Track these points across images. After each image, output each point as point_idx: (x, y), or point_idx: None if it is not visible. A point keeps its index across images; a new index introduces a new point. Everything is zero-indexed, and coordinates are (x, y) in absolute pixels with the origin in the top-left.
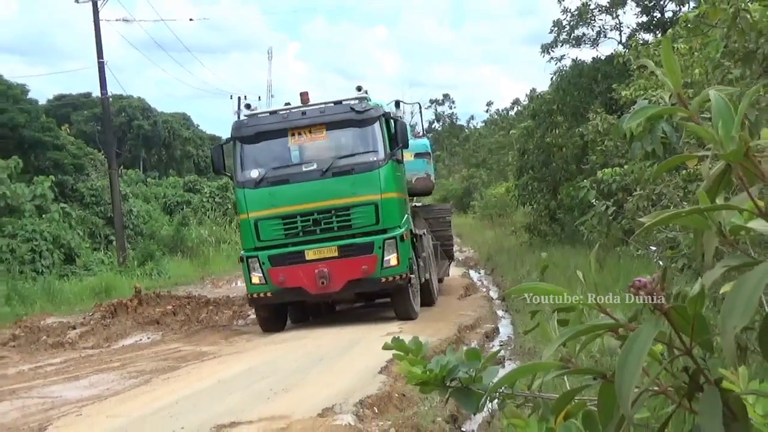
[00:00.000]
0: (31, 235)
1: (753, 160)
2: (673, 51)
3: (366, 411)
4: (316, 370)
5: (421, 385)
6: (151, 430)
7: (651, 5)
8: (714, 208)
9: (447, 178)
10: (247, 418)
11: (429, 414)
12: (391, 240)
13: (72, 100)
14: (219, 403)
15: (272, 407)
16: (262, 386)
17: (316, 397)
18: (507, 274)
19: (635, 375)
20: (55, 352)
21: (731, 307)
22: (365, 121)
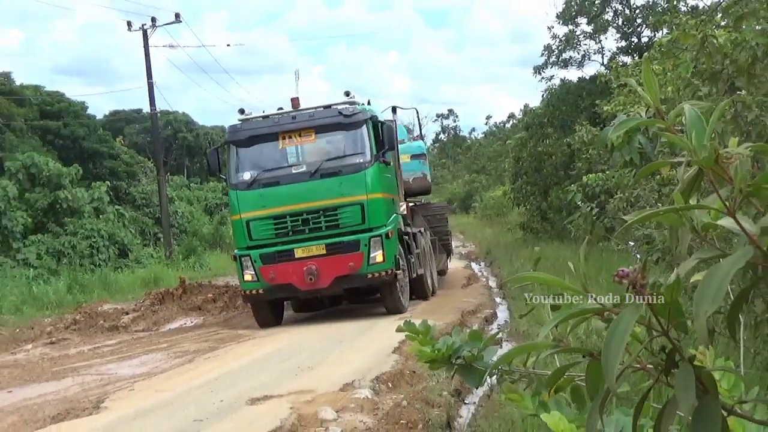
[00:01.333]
0: (90, 233)
1: (722, 166)
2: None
3: (381, 386)
4: (337, 350)
5: (430, 363)
6: (194, 403)
7: (629, 31)
8: (688, 208)
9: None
10: (277, 393)
11: (436, 388)
12: (377, 238)
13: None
14: (253, 379)
15: (299, 383)
16: (290, 364)
17: (337, 373)
18: (504, 266)
19: (619, 353)
20: (111, 334)
21: (702, 294)
22: (352, 124)
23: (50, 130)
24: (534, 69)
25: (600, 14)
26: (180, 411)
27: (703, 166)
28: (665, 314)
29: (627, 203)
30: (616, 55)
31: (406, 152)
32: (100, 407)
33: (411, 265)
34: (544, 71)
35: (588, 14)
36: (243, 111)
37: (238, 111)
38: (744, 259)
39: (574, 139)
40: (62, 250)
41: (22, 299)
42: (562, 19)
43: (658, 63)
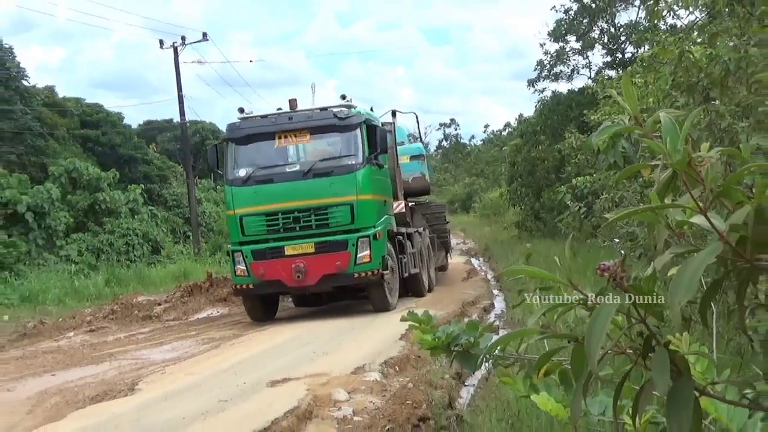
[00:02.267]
0: (126, 231)
1: (695, 169)
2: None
3: (389, 369)
4: (349, 337)
5: (431, 350)
6: (219, 385)
7: (614, 48)
8: (664, 207)
9: (453, 185)
10: (295, 375)
11: (439, 372)
12: (365, 238)
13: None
14: (273, 363)
15: (315, 366)
16: (306, 350)
17: (349, 358)
18: (500, 261)
19: (601, 339)
20: (145, 323)
21: (677, 285)
22: (347, 127)
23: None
24: (528, 82)
25: (587, 32)
26: (207, 392)
27: (677, 169)
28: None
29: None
30: (602, 70)
31: (406, 153)
32: (135, 389)
33: (404, 264)
34: (537, 84)
35: (576, 32)
36: (242, 110)
37: (238, 110)
38: (715, 253)
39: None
40: (101, 247)
41: (64, 292)
42: (553, 36)
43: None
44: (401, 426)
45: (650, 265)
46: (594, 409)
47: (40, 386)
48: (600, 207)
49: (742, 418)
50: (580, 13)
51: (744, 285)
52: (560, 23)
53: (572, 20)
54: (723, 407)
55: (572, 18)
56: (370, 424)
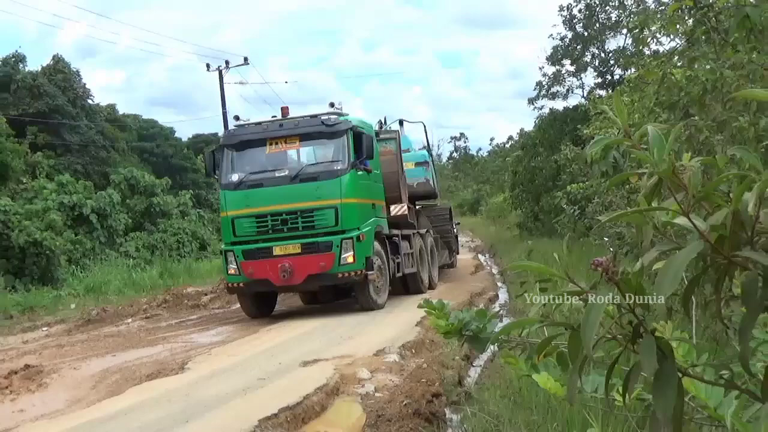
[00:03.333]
0: (177, 231)
1: (678, 176)
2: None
3: (406, 352)
4: (371, 324)
5: (445, 334)
6: (258, 365)
7: (604, 70)
8: (650, 209)
9: (462, 190)
10: (324, 357)
11: (450, 354)
12: (348, 240)
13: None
14: (304, 346)
15: (341, 349)
16: (333, 335)
17: (371, 342)
18: (504, 257)
19: (594, 326)
20: (193, 311)
21: (662, 279)
22: (333, 133)
23: (146, 150)
24: (528, 100)
25: (580, 57)
26: (247, 371)
27: (662, 176)
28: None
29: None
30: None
31: (411, 160)
32: (185, 368)
33: (397, 264)
34: (536, 102)
35: (571, 57)
36: (238, 117)
37: (234, 117)
38: (696, 251)
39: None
40: (155, 245)
41: (123, 283)
42: (550, 60)
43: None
44: (417, 401)
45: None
46: (588, 387)
47: (102, 365)
48: (592, 210)
49: (719, 397)
50: (574, 40)
51: (721, 279)
52: (557, 49)
53: (567, 46)
54: (702, 387)
55: (567, 44)
56: (389, 399)
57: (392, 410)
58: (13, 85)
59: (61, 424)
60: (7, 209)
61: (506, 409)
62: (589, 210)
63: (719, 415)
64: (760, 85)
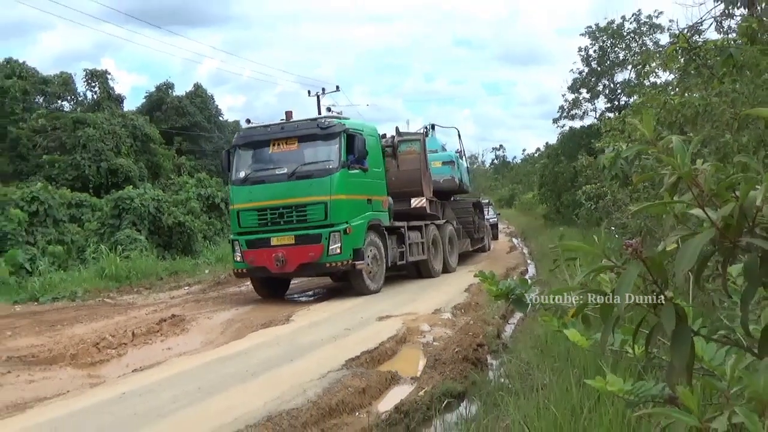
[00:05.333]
0: None
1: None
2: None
3: (457, 311)
4: (429, 290)
5: (495, 297)
6: (344, 318)
7: (613, 98)
8: (673, 203)
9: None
10: (394, 314)
11: (491, 313)
12: (336, 233)
13: None
14: (379, 306)
15: (407, 308)
16: (401, 298)
17: (430, 304)
18: (532, 240)
19: (626, 293)
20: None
21: (681, 258)
22: (327, 135)
23: None
24: (552, 120)
25: (594, 87)
26: (336, 323)
27: (683, 176)
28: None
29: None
30: (604, 113)
31: (438, 159)
32: (290, 320)
33: (401, 253)
34: (559, 122)
35: (587, 87)
36: (249, 120)
37: (245, 120)
38: (709, 237)
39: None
40: None
41: None
42: (570, 90)
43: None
44: (465, 349)
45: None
46: (616, 342)
47: (228, 316)
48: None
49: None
50: (590, 74)
51: (727, 259)
52: (576, 80)
53: (584, 78)
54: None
55: (584, 77)
56: (444, 347)
57: (446, 355)
58: (164, 106)
59: (198, 359)
60: (160, 198)
61: (535, 356)
62: (601, 206)
63: (712, 365)
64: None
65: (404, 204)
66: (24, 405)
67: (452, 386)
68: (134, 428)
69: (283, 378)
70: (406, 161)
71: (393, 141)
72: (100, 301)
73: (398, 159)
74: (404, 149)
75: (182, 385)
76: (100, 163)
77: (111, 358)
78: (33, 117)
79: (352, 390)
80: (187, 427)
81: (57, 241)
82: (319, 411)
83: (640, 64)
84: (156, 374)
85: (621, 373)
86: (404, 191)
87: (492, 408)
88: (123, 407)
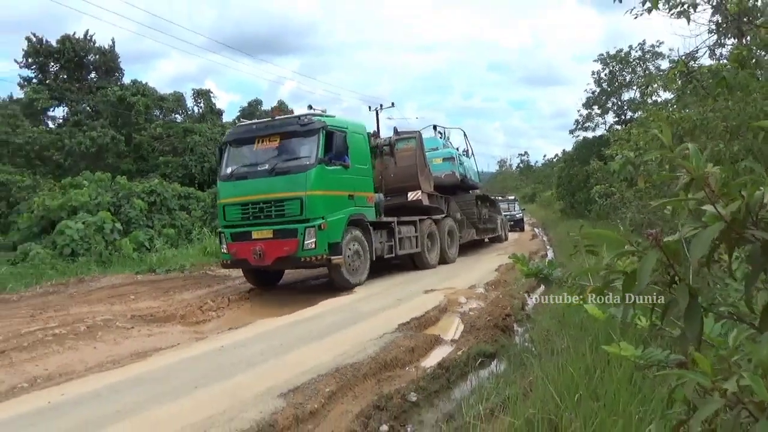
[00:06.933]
0: None
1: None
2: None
3: (489, 287)
4: (464, 270)
5: (526, 275)
6: (396, 291)
7: (620, 113)
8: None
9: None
10: (437, 288)
11: (517, 289)
12: (311, 228)
13: None
14: (423, 281)
15: (447, 284)
16: (441, 275)
17: (466, 280)
18: (551, 230)
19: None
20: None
21: (695, 245)
22: (307, 132)
23: None
24: (569, 131)
25: (605, 104)
26: (390, 294)
27: (697, 178)
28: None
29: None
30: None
31: (439, 156)
32: (352, 292)
33: (390, 247)
34: (574, 133)
35: (598, 104)
36: (239, 119)
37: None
38: (719, 229)
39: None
40: None
41: None
42: (584, 106)
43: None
44: (495, 318)
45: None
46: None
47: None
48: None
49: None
50: (601, 93)
51: (732, 248)
52: (589, 98)
53: (596, 97)
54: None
55: (596, 96)
56: (478, 316)
57: (480, 323)
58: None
59: (280, 321)
60: None
61: (554, 326)
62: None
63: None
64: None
65: (403, 198)
66: (145, 353)
67: (485, 348)
68: (231, 374)
69: (347, 338)
70: (404, 158)
71: (390, 140)
72: (203, 273)
73: (396, 156)
74: (401, 147)
75: (267, 341)
76: (204, 163)
77: (211, 318)
78: (152, 126)
79: (403, 349)
80: (272, 374)
81: (170, 225)
82: (377, 365)
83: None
84: (247, 332)
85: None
86: (402, 186)
87: (518, 367)
88: (221, 357)
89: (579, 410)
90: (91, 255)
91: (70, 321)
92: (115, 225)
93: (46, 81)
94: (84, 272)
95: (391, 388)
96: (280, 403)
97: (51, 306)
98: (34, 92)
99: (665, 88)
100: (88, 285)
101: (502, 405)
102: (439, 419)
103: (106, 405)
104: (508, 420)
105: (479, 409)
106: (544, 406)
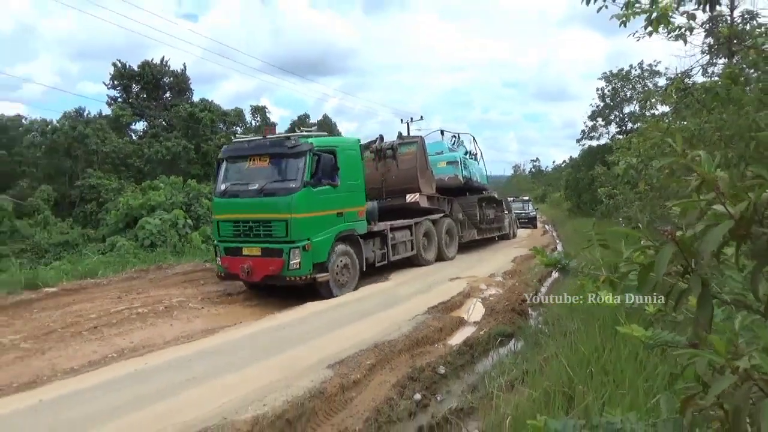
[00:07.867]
0: None
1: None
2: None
3: (506, 276)
4: (484, 261)
5: (546, 265)
6: (425, 278)
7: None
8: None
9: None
10: (461, 276)
11: (531, 278)
12: (296, 249)
13: None
14: (448, 270)
15: (469, 273)
16: (465, 265)
17: (486, 269)
18: (560, 227)
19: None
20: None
21: (707, 241)
22: (294, 154)
23: None
24: (576, 140)
25: (608, 116)
26: (420, 281)
27: (708, 180)
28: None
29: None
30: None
31: (443, 160)
32: (387, 279)
33: (383, 254)
34: (581, 142)
35: (602, 116)
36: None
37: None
38: (728, 227)
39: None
40: None
41: None
42: (590, 118)
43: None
44: (512, 303)
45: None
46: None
47: None
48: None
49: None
50: (605, 107)
51: (740, 243)
52: (594, 112)
53: (600, 110)
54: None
55: (600, 109)
56: (497, 301)
57: (499, 307)
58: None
59: (328, 304)
60: None
61: (564, 310)
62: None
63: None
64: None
65: (402, 199)
66: (213, 330)
67: (504, 329)
68: (287, 347)
69: (384, 318)
70: (405, 161)
71: (393, 144)
72: None
73: (398, 159)
74: (404, 151)
75: (318, 320)
76: None
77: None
78: (217, 137)
79: (432, 328)
80: (322, 348)
81: None
82: (410, 342)
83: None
84: (301, 312)
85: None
86: (402, 188)
87: (533, 345)
88: (279, 334)
89: (591, 383)
90: (167, 246)
91: (151, 302)
92: (187, 221)
93: (129, 100)
94: (161, 261)
95: (423, 362)
96: (328, 373)
97: (134, 289)
98: (120, 109)
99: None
100: (164, 271)
101: (521, 378)
102: (464, 390)
103: (181, 373)
104: (527, 391)
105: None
106: (559, 380)
